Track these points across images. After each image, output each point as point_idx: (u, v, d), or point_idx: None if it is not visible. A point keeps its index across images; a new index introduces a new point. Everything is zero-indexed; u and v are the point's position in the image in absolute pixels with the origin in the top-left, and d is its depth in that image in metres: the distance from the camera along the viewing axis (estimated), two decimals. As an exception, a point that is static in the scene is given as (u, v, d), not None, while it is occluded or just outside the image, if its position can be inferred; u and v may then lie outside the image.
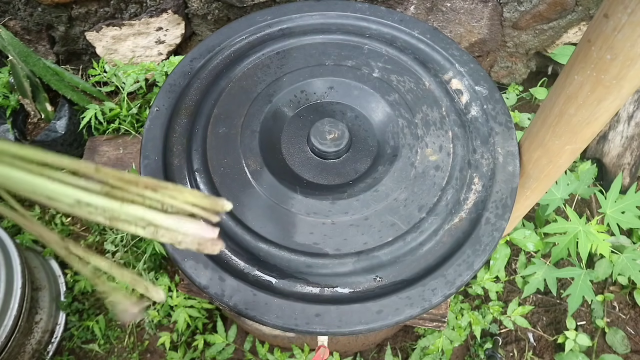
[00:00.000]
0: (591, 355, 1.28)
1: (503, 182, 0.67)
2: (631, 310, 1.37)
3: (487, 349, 1.29)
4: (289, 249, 0.61)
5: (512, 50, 1.48)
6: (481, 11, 1.32)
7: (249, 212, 0.63)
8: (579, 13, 1.35)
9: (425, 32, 0.79)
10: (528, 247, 1.27)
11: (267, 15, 0.81)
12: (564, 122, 0.57)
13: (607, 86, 0.49)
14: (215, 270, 0.60)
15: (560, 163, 0.64)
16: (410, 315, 0.59)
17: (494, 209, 0.65)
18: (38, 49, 1.44)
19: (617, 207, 1.20)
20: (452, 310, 1.30)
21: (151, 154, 0.68)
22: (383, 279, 0.61)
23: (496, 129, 0.71)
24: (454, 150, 0.67)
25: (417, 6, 1.32)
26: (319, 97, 0.73)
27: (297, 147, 0.70)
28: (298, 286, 0.60)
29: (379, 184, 0.65)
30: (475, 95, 0.73)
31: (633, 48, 0.44)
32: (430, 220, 0.63)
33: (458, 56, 0.76)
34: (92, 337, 1.31)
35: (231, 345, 1.27)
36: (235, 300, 0.58)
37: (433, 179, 0.65)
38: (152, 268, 1.35)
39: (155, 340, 1.30)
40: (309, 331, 0.58)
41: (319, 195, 0.64)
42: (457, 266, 0.61)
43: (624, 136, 1.42)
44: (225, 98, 0.71)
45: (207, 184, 0.65)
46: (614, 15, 0.43)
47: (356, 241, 0.61)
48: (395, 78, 0.73)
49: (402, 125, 0.69)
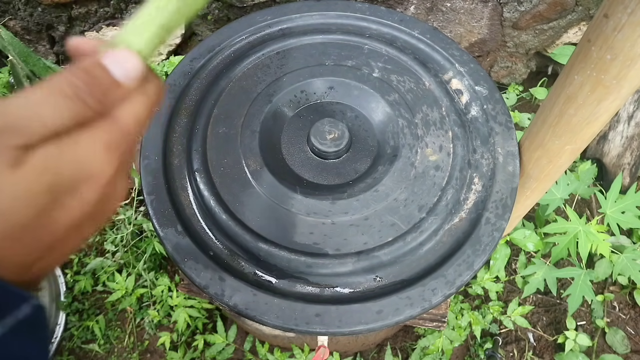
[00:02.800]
0: (591, 355, 1.28)
1: (503, 182, 0.67)
2: (631, 310, 1.37)
3: (487, 349, 1.29)
4: (289, 249, 0.61)
5: (512, 50, 1.48)
6: (481, 11, 1.32)
7: (249, 212, 0.63)
8: (579, 13, 1.35)
9: (425, 32, 0.79)
10: (528, 247, 1.27)
11: (267, 15, 0.81)
12: (564, 122, 0.57)
13: (607, 86, 0.49)
14: (215, 270, 0.60)
15: (560, 163, 0.64)
16: (410, 315, 0.59)
17: (494, 209, 0.65)
18: (38, 49, 1.44)
19: (617, 207, 1.20)
20: (452, 310, 1.30)
21: (151, 153, 0.68)
22: (383, 279, 0.61)
23: (496, 129, 0.71)
24: (454, 150, 0.67)
25: (417, 6, 1.32)
26: (319, 97, 0.73)
27: (297, 147, 0.70)
28: (298, 286, 0.60)
29: (379, 184, 0.65)
30: (475, 95, 0.73)
31: (633, 48, 0.44)
32: (430, 220, 0.63)
33: (458, 56, 0.76)
34: (92, 337, 1.31)
35: (231, 345, 1.27)
36: (235, 300, 0.58)
37: (433, 179, 0.65)
38: (152, 268, 1.35)
39: (155, 340, 1.30)
40: (309, 331, 0.58)
41: (319, 195, 0.64)
42: (457, 266, 0.61)
43: (624, 136, 1.42)
44: (225, 98, 0.71)
45: (207, 183, 0.65)
46: (614, 15, 0.43)
47: (356, 241, 0.61)
48: (395, 78, 0.73)
49: (402, 125, 0.69)
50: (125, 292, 1.29)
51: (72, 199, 0.24)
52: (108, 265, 1.34)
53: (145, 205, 0.66)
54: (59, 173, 0.23)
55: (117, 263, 1.35)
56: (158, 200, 0.65)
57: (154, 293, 1.31)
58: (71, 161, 0.23)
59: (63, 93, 0.23)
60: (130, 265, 1.34)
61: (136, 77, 0.26)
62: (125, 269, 1.34)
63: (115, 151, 0.25)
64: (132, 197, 1.35)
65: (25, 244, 0.23)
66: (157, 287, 1.31)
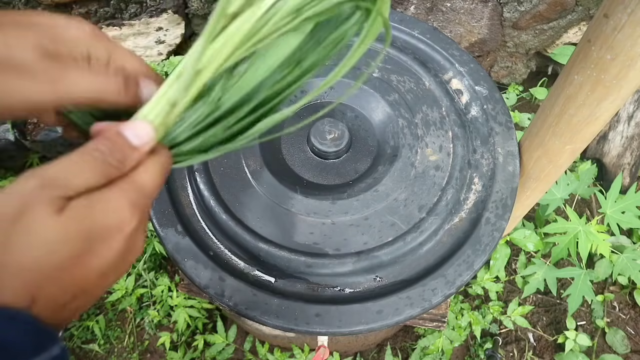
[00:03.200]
0: (591, 355, 1.28)
1: (503, 182, 0.67)
2: (631, 310, 1.37)
3: (487, 349, 1.29)
4: (289, 249, 0.61)
5: (512, 50, 1.48)
6: (481, 11, 1.32)
7: (249, 212, 0.63)
8: (579, 13, 1.35)
9: (425, 32, 0.79)
10: (528, 247, 1.27)
11: (267, 15, 0.81)
12: (564, 122, 0.57)
13: (607, 86, 0.49)
14: (215, 270, 0.60)
15: (560, 163, 0.64)
16: (410, 315, 0.59)
17: (494, 209, 0.65)
18: (38, 49, 1.44)
19: (617, 207, 1.20)
20: (452, 310, 1.30)
21: (151, 154, 0.68)
22: (383, 279, 0.61)
23: (496, 129, 0.71)
24: (454, 150, 0.67)
25: (417, 6, 1.32)
26: (318, 97, 0.73)
27: (297, 147, 0.70)
28: (298, 286, 0.60)
29: (379, 184, 0.65)
30: (475, 95, 0.73)
31: (633, 48, 0.44)
32: (430, 220, 0.63)
33: (458, 56, 0.76)
34: (92, 337, 1.31)
35: (231, 345, 1.27)
36: (235, 300, 0.58)
37: (433, 179, 0.65)
38: (152, 268, 1.35)
39: (155, 340, 1.30)
40: (309, 331, 0.58)
41: (319, 195, 0.64)
42: (457, 266, 0.61)
43: (624, 136, 1.42)
44: (225, 98, 0.71)
45: (207, 183, 0.65)
46: (614, 15, 0.43)
47: (356, 241, 0.61)
48: (395, 78, 0.73)
49: (402, 125, 0.69)
50: (125, 292, 1.29)
51: (102, 246, 0.27)
52: (108, 265, 1.34)
53: (145, 205, 0.66)
54: (93, 221, 0.27)
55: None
56: (158, 200, 0.65)
57: (154, 293, 1.31)
58: (103, 212, 0.27)
59: (92, 156, 0.28)
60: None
61: (148, 141, 0.31)
62: (125, 269, 1.34)
63: (137, 207, 0.29)
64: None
65: (61, 285, 0.26)
66: (157, 287, 1.31)
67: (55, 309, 0.26)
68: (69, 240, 0.26)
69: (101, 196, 0.28)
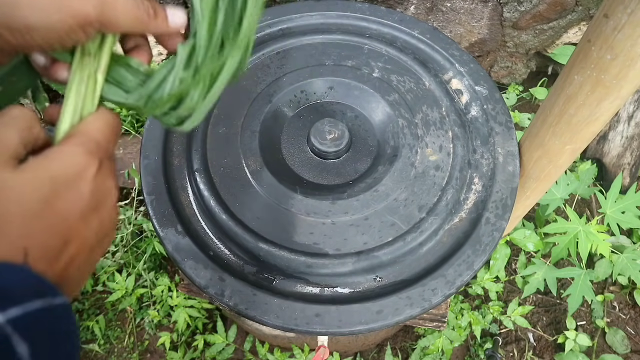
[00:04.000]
0: (591, 355, 1.28)
1: (503, 182, 0.67)
2: (631, 310, 1.37)
3: (487, 349, 1.29)
4: (289, 249, 0.61)
5: (512, 50, 1.48)
6: (481, 11, 1.32)
7: (249, 212, 0.63)
8: (579, 13, 1.35)
9: (425, 32, 0.79)
10: (528, 247, 1.27)
11: (267, 15, 0.81)
12: (564, 122, 0.57)
13: (607, 86, 0.49)
14: (215, 270, 0.60)
15: (560, 163, 0.64)
16: (410, 315, 0.59)
17: (494, 209, 0.65)
18: (38, 49, 1.44)
19: (617, 207, 1.20)
20: (452, 310, 1.30)
21: (151, 153, 0.68)
22: (383, 279, 0.61)
23: (496, 129, 0.71)
24: (454, 150, 0.67)
25: (417, 6, 1.32)
26: (319, 97, 0.73)
27: (297, 147, 0.70)
28: (298, 286, 0.60)
29: (379, 184, 0.65)
30: (475, 95, 0.73)
31: (633, 48, 0.44)
32: (430, 220, 0.63)
33: (458, 56, 0.76)
34: (92, 337, 1.31)
35: (231, 345, 1.27)
36: (235, 300, 0.58)
37: (433, 179, 0.65)
38: (152, 268, 1.35)
39: (155, 340, 1.30)
40: (309, 331, 0.58)
41: (319, 195, 0.64)
42: (457, 266, 0.61)
43: (624, 136, 1.42)
44: (225, 98, 0.71)
45: (207, 183, 0.65)
46: (614, 15, 0.43)
47: (356, 241, 0.61)
48: (395, 78, 0.73)
49: (402, 125, 0.69)
50: (125, 292, 1.29)
51: (68, 190, 0.29)
52: (108, 265, 1.34)
53: (145, 205, 0.66)
54: (50, 170, 0.29)
55: (117, 263, 1.35)
56: (158, 200, 0.65)
57: (154, 293, 1.31)
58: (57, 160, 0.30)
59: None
60: (130, 265, 1.34)
61: None
62: (125, 269, 1.34)
63: (91, 153, 0.31)
64: (132, 197, 1.35)
65: (44, 228, 0.27)
66: (157, 287, 1.31)
67: (50, 259, 0.28)
68: (35, 190, 0.27)
69: (54, 149, 0.30)
